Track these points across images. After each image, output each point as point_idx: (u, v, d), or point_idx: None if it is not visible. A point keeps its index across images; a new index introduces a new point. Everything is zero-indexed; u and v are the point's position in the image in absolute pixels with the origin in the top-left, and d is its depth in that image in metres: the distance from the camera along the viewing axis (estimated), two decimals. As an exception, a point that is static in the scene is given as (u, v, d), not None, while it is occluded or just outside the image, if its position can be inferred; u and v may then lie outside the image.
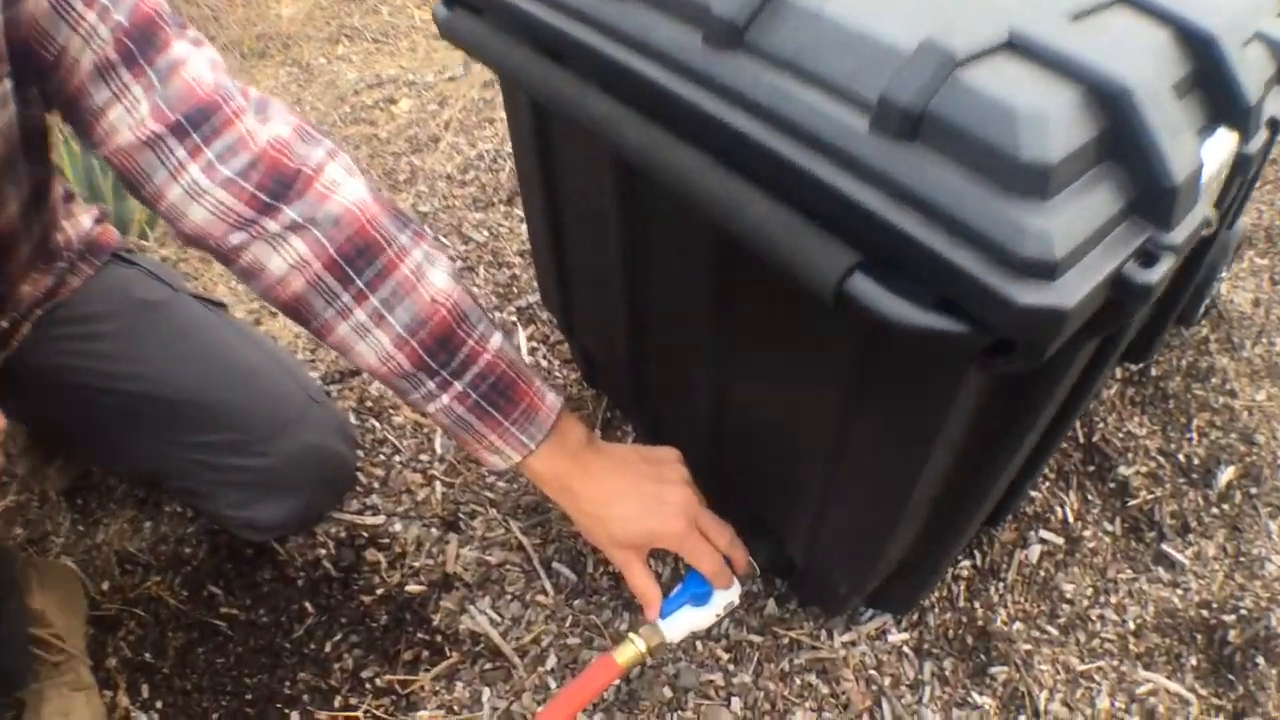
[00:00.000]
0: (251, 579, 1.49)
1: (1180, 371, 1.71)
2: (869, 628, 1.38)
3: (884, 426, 0.91)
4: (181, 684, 1.40)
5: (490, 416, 1.08)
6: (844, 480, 1.01)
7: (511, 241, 1.85)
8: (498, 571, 1.44)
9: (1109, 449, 1.59)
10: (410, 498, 1.51)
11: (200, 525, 1.54)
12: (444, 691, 1.35)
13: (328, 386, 1.66)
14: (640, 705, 1.31)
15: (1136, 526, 1.52)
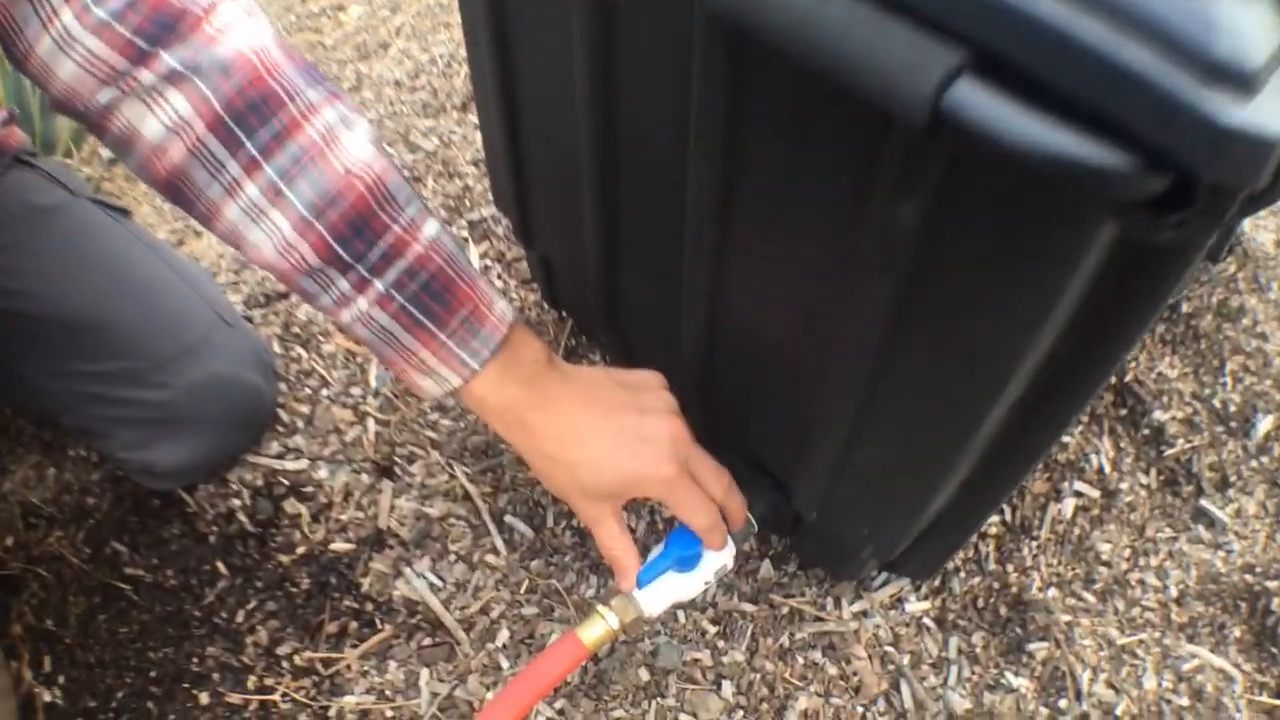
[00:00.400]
0: (158, 534, 1.22)
1: (1211, 310, 1.45)
2: (882, 595, 1.10)
3: (955, 328, 0.64)
4: (84, 656, 1.16)
5: (422, 327, 0.81)
6: (886, 407, 0.74)
7: (465, 150, 1.55)
8: (439, 526, 1.15)
9: (1142, 391, 1.32)
10: (338, 438, 1.22)
11: (105, 472, 1.27)
12: (374, 672, 1.07)
13: (250, 311, 1.36)
14: (611, 691, 1.03)
15: (1174, 479, 1.26)
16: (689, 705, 1.02)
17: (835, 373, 0.77)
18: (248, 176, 0.76)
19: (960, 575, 1.11)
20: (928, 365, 0.69)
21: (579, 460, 0.88)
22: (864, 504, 0.87)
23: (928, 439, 0.75)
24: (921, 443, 0.76)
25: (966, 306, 0.63)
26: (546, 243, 1.11)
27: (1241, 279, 1.48)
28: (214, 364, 1.15)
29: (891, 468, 0.81)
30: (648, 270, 0.95)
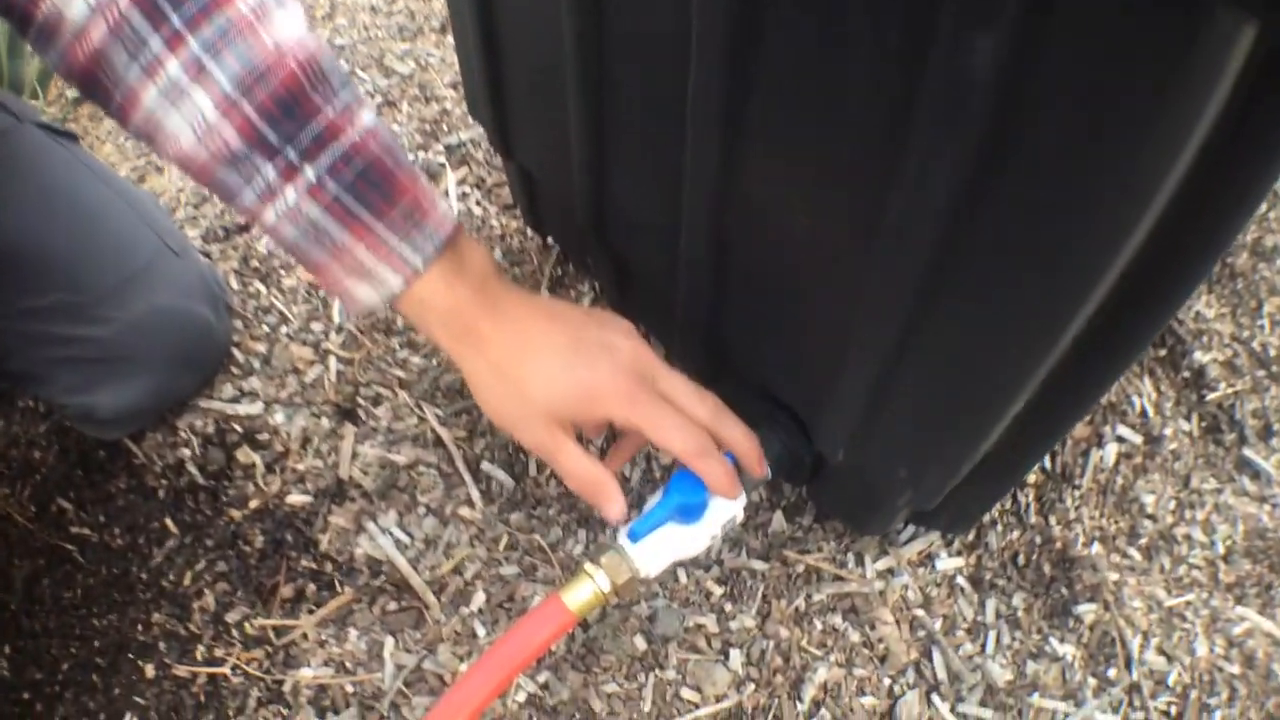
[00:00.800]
0: (105, 490, 1.04)
1: (1246, 248, 1.28)
2: (910, 551, 0.92)
3: (1036, 211, 0.46)
4: (30, 624, 0.99)
5: (357, 220, 0.63)
6: (942, 318, 0.55)
7: (443, 73, 1.35)
8: (407, 475, 0.96)
9: (1182, 330, 1.15)
10: (297, 379, 1.03)
11: (52, 423, 1.09)
12: (332, 642, 0.89)
13: (209, 246, 1.17)
14: (602, 662, 0.85)
15: (1216, 425, 1.08)
16: (692, 678, 0.84)
17: (877, 279, 0.58)
18: (170, 52, 0.60)
19: (997, 529, 0.93)
20: (998, 262, 0.51)
21: (531, 373, 0.71)
22: (904, 441, 0.68)
23: (993, 357, 0.56)
24: (985, 362, 0.57)
25: (1053, 180, 0.44)
26: (527, 151, 0.92)
27: (1274, 218, 1.30)
28: (158, 295, 0.97)
29: (943, 395, 0.62)
30: (642, 170, 0.77)
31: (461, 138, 1.23)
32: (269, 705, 0.88)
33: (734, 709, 0.83)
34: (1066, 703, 0.85)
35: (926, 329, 0.58)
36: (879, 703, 0.84)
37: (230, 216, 1.19)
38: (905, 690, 0.85)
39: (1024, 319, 0.53)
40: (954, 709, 0.85)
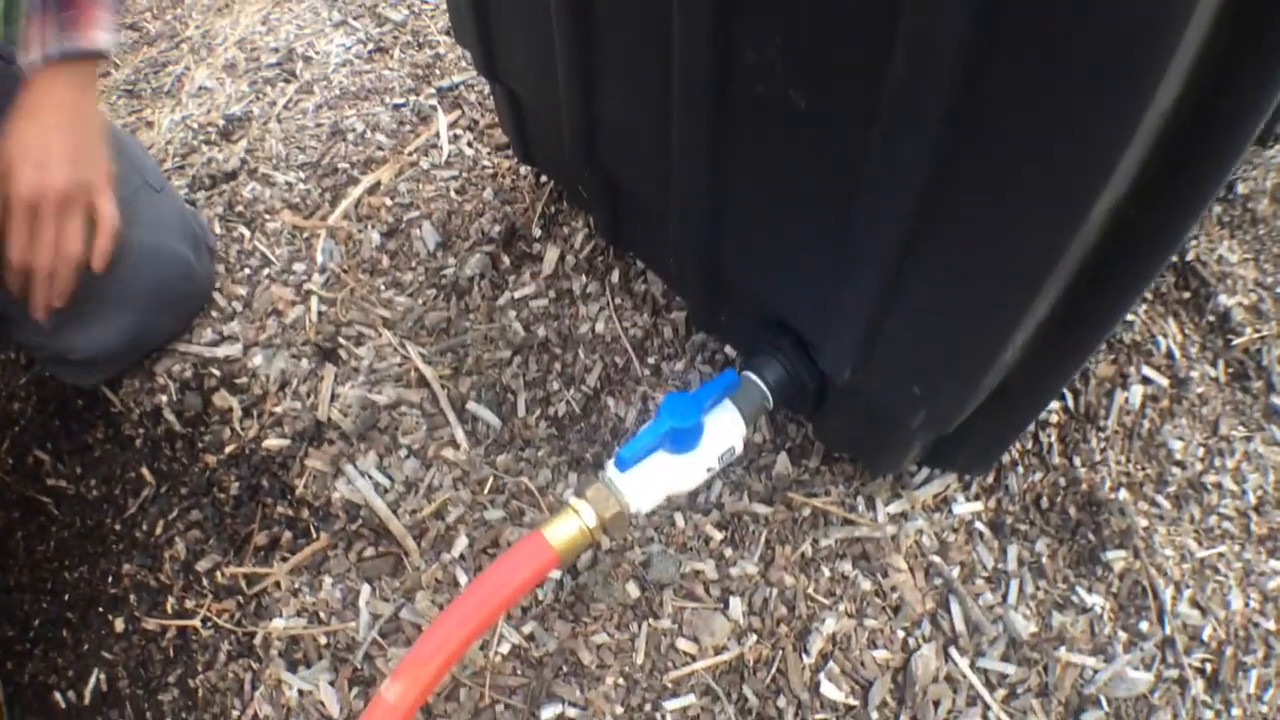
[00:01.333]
0: (82, 440, 0.93)
1: (1266, 194, 1.15)
2: (924, 494, 0.79)
3: (1051, 86, 0.38)
4: (3, 579, 0.90)
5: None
6: (955, 211, 0.46)
7: (437, 19, 1.24)
8: (388, 416, 0.84)
9: (1205, 273, 1.02)
10: (277, 321, 0.91)
11: (33, 375, 0.98)
12: (306, 590, 0.77)
13: (194, 194, 1.05)
14: (592, 610, 0.73)
15: (1243, 372, 0.95)
16: (688, 627, 0.72)
17: (880, 167, 0.47)
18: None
19: (1018, 471, 0.80)
20: (1003, 154, 0.42)
21: None
22: (915, 353, 0.56)
23: (1003, 252, 0.46)
24: (995, 259, 0.46)
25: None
26: (513, 73, 0.80)
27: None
28: (138, 230, 0.86)
29: (954, 298, 0.50)
30: (631, 77, 0.65)
31: (454, 80, 1.11)
32: (239, 659, 0.76)
33: (734, 661, 0.71)
34: (1096, 658, 0.73)
35: (933, 222, 0.48)
36: (892, 656, 0.72)
37: (217, 165, 1.08)
38: (921, 643, 0.72)
39: (1034, 211, 0.44)
40: (974, 664, 0.72)
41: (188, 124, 1.18)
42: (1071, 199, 0.42)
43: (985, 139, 0.42)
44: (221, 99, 1.21)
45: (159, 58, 1.38)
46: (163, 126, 1.20)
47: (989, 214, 0.45)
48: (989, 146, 0.43)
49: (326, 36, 1.24)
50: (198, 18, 1.45)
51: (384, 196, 1.00)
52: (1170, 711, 0.73)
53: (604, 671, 0.71)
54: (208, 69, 1.28)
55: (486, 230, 0.95)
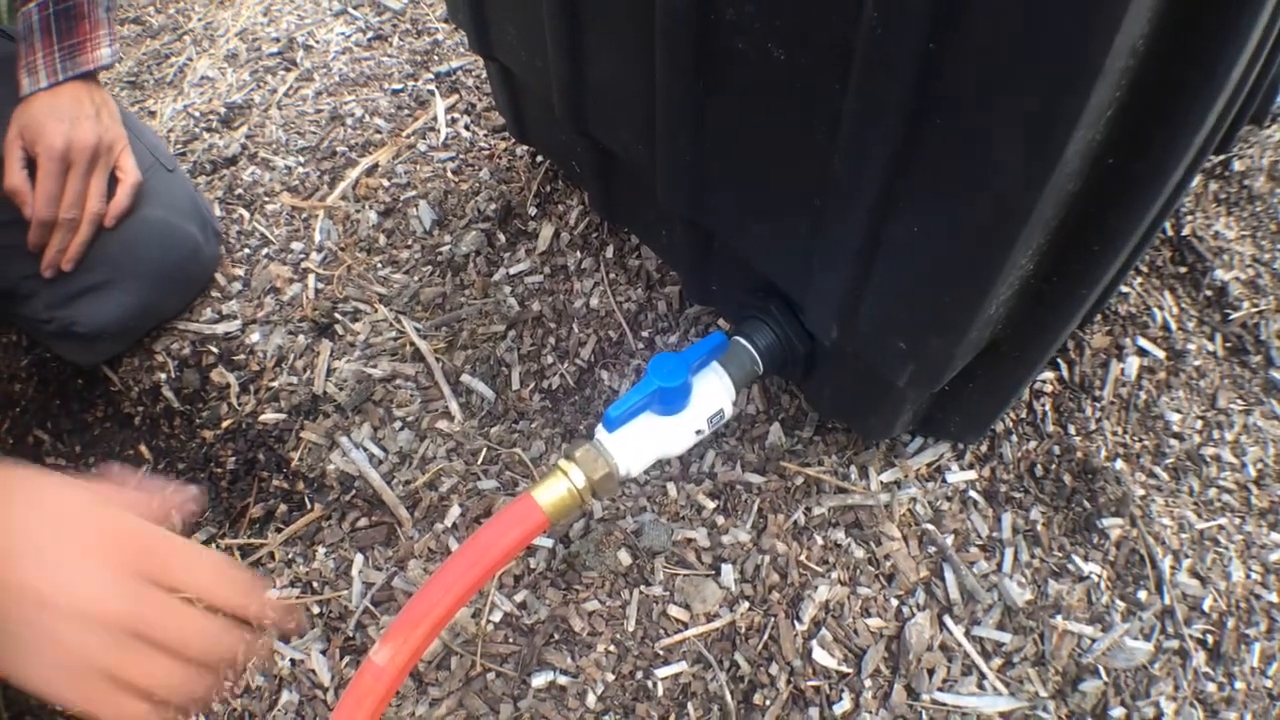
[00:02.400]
0: (82, 419, 0.93)
1: (1263, 171, 1.14)
2: (918, 463, 0.78)
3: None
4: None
5: None
6: (929, 159, 0.45)
7: (436, 7, 1.24)
8: (383, 389, 0.84)
9: (1201, 248, 1.01)
10: (275, 299, 0.91)
11: (34, 356, 0.97)
12: (300, 561, 0.77)
13: (195, 179, 1.06)
14: (584, 578, 0.73)
15: (1241, 347, 0.94)
16: (680, 594, 0.71)
17: (863, 118, 0.47)
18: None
19: (1012, 440, 0.79)
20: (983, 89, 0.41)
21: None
22: (899, 306, 0.55)
23: (986, 196, 0.45)
24: (978, 204, 0.45)
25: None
26: (506, 48, 0.80)
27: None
28: (148, 208, 0.89)
29: (934, 250, 0.50)
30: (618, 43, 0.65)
31: (452, 66, 1.11)
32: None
33: (726, 629, 0.70)
34: (1093, 627, 0.72)
35: (910, 172, 0.47)
36: (886, 624, 0.71)
37: (218, 150, 1.08)
38: (915, 611, 0.72)
39: (1008, 154, 0.43)
40: (969, 632, 0.71)
41: (189, 112, 1.18)
42: (1044, 137, 0.41)
43: (957, 82, 0.42)
44: (223, 88, 1.21)
45: (161, 50, 1.39)
46: (164, 115, 1.20)
47: (964, 159, 0.45)
48: (961, 89, 0.42)
49: (327, 25, 1.25)
50: (200, 10, 1.46)
51: (381, 178, 1.00)
52: (1171, 683, 0.72)
53: (595, 639, 0.70)
54: (209, 59, 1.29)
55: (482, 208, 0.95)
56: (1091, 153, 0.45)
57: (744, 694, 0.68)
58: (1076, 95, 0.39)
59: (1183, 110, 0.44)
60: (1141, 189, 0.48)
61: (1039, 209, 0.45)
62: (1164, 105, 0.44)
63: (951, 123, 0.43)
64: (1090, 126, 0.42)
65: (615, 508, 0.75)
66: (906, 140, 0.46)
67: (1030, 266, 0.53)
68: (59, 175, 0.81)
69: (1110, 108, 0.42)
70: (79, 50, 0.86)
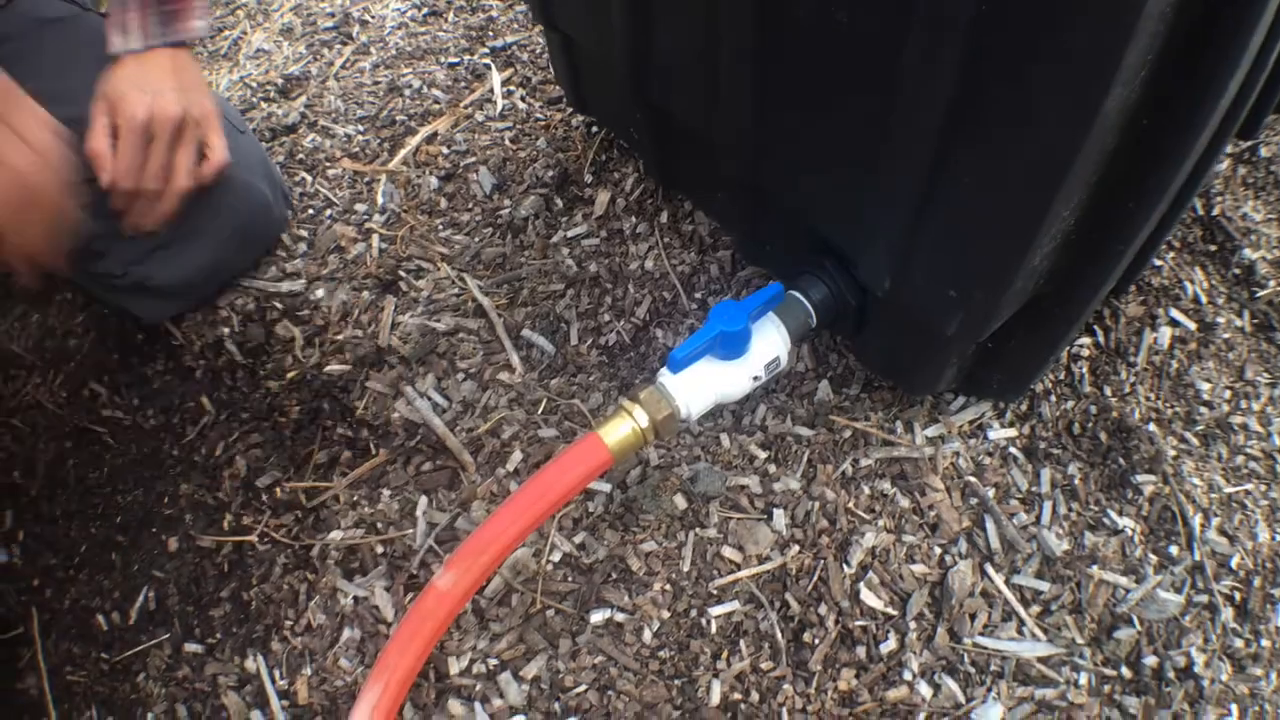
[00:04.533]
0: (141, 372, 0.96)
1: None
2: (960, 420, 0.81)
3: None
4: (50, 509, 0.90)
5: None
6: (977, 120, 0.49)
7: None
8: (447, 342, 0.87)
9: (1230, 228, 1.04)
10: (339, 257, 0.94)
11: (90, 312, 1.00)
12: (364, 503, 0.80)
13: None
14: (641, 521, 0.76)
15: (1268, 324, 0.97)
16: (733, 536, 0.74)
17: (919, 79, 0.50)
18: None
19: (1051, 400, 0.82)
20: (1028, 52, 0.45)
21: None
22: (948, 256, 0.58)
23: (1031, 154, 0.49)
24: (1024, 161, 0.49)
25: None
26: (567, 17, 0.83)
27: (1320, 131, 1.19)
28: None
29: (986, 202, 0.53)
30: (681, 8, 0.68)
31: (508, 41, 1.15)
32: (294, 571, 0.79)
33: (777, 570, 0.73)
34: (1128, 578, 0.75)
35: (961, 129, 0.51)
36: (930, 571, 0.74)
37: (277, 119, 1.11)
38: (957, 560, 0.74)
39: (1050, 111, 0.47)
40: (1008, 580, 0.74)
41: (246, 83, 1.21)
42: (1086, 91, 0.44)
43: (1005, 45, 0.46)
44: (279, 60, 1.24)
45: (215, 23, 1.42)
46: (221, 86, 1.24)
47: (1011, 118, 0.48)
48: (1009, 51, 0.46)
49: (382, 1, 1.28)
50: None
51: (441, 145, 1.03)
52: (1201, 635, 0.74)
53: (652, 578, 0.73)
54: (264, 33, 1.32)
55: (540, 175, 0.98)
56: (1128, 111, 0.48)
57: (794, 633, 0.71)
58: (1112, 55, 0.42)
59: (1206, 75, 0.48)
60: (1171, 149, 0.52)
61: (1081, 160, 0.48)
62: (1192, 69, 0.47)
63: (1002, 77, 0.47)
64: (1126, 84, 0.45)
65: (670, 456, 0.78)
66: (960, 97, 0.49)
67: (1071, 221, 0.56)
68: (140, 146, 0.82)
69: (1144, 68, 0.45)
70: (175, 18, 0.85)
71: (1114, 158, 0.51)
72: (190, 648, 0.78)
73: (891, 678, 0.69)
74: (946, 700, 0.69)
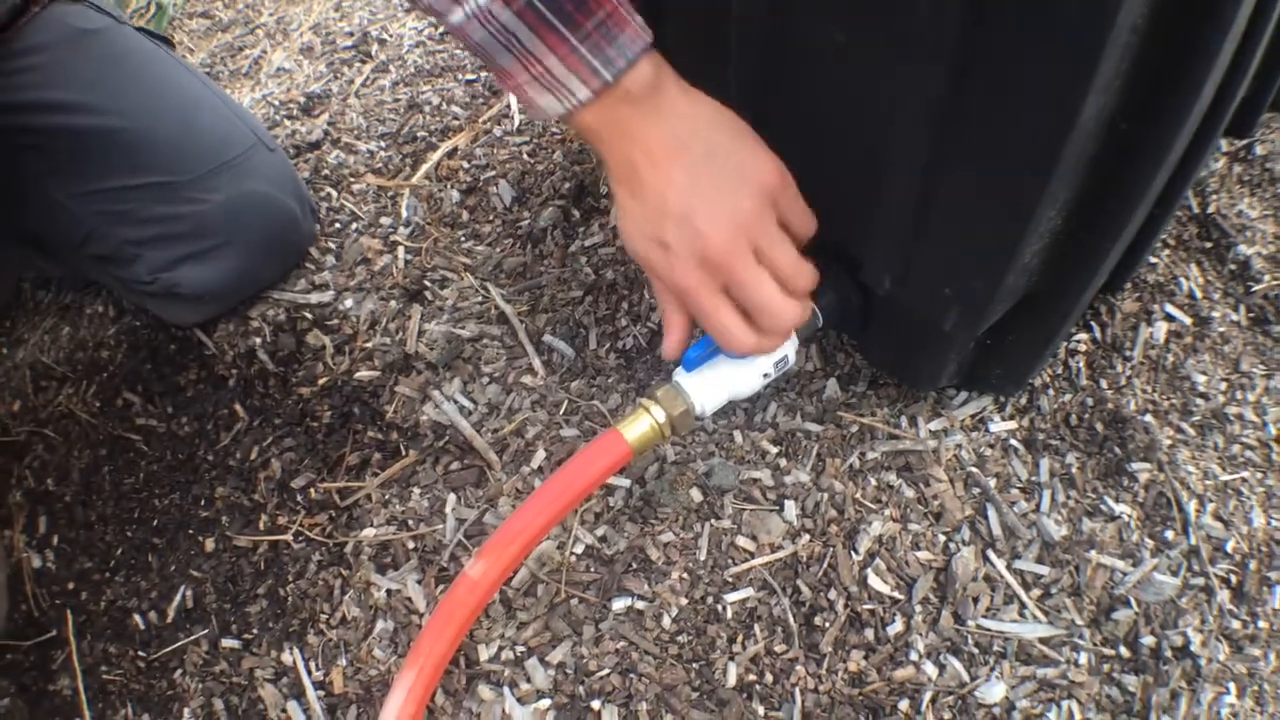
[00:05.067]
0: (173, 381, 1.01)
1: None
2: (963, 414, 0.86)
3: None
4: (85, 514, 0.95)
5: (550, 29, 0.57)
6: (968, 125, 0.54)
7: None
8: (471, 348, 0.92)
9: (1225, 225, 1.08)
10: (366, 268, 0.99)
11: (122, 325, 1.07)
12: (395, 501, 0.85)
13: (281, 163, 1.16)
14: (659, 513, 0.80)
15: (1263, 318, 1.01)
16: (747, 527, 0.79)
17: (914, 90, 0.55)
18: None
19: (1049, 394, 0.87)
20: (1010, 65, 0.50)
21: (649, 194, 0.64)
22: (945, 255, 0.63)
23: (1012, 158, 0.54)
24: (1007, 158, 0.54)
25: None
26: None
27: (1317, 130, 1.23)
28: (252, 182, 0.97)
29: (978, 205, 0.58)
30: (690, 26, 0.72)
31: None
32: (329, 568, 0.84)
33: (789, 558, 0.78)
34: (1125, 561, 0.79)
35: (953, 138, 0.56)
36: (934, 557, 0.78)
37: (301, 135, 1.17)
38: (960, 546, 0.79)
39: (1032, 119, 0.52)
40: (1010, 565, 0.78)
41: (269, 101, 1.27)
42: (1063, 101, 0.49)
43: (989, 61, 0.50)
44: (300, 78, 1.30)
45: (234, 42, 1.48)
46: (244, 104, 1.29)
47: (996, 128, 0.53)
48: (992, 68, 0.51)
49: (399, 20, 1.34)
50: (270, 5, 1.55)
51: (461, 160, 1.08)
52: (1198, 616, 0.78)
53: (670, 567, 0.78)
54: (284, 52, 1.38)
55: (558, 187, 1.03)
56: (1105, 118, 0.53)
57: (805, 617, 0.76)
58: (1087, 65, 0.47)
59: (1178, 82, 0.52)
60: (1149, 151, 0.57)
61: (1062, 165, 0.53)
62: (1164, 77, 0.52)
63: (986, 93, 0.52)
64: (1101, 92, 0.50)
65: (686, 452, 0.83)
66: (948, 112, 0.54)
67: (1059, 221, 0.61)
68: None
69: (1118, 78, 0.50)
70: (616, 26, 0.61)
71: (1097, 161, 0.56)
72: (227, 643, 0.83)
73: (898, 658, 0.74)
74: (951, 679, 0.73)
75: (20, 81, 0.93)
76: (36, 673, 0.85)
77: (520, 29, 0.57)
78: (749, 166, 0.65)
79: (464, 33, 0.59)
